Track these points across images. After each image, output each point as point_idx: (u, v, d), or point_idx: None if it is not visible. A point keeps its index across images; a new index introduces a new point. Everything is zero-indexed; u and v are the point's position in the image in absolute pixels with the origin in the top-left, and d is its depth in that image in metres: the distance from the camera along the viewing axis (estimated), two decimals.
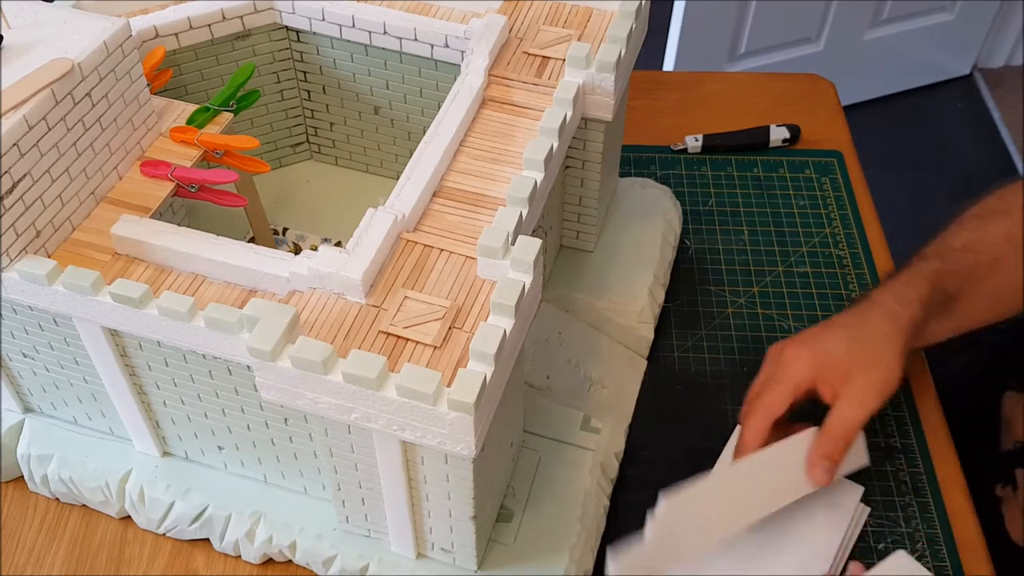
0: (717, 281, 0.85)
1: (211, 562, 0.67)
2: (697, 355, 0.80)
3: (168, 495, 0.66)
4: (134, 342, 0.59)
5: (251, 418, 0.61)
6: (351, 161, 0.85)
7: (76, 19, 0.59)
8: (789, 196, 0.93)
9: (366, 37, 0.73)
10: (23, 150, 0.54)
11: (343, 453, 0.56)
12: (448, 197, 0.60)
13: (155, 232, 0.58)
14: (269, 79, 0.78)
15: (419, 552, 0.63)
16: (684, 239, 0.88)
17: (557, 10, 0.72)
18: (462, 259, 0.56)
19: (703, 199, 0.93)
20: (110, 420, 0.68)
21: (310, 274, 0.54)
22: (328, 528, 0.64)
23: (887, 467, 0.72)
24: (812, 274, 0.86)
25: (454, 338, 0.52)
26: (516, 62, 0.68)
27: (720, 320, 0.82)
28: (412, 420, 0.50)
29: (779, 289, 0.85)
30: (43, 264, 0.55)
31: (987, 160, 2.12)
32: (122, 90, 0.60)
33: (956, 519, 0.69)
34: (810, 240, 0.89)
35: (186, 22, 0.71)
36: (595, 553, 0.65)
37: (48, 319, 0.60)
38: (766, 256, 0.88)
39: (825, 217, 0.91)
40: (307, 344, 0.49)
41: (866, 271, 0.86)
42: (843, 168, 0.96)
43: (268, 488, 0.66)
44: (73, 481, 0.68)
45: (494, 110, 0.66)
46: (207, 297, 0.56)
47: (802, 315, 0.83)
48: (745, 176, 0.95)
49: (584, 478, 0.66)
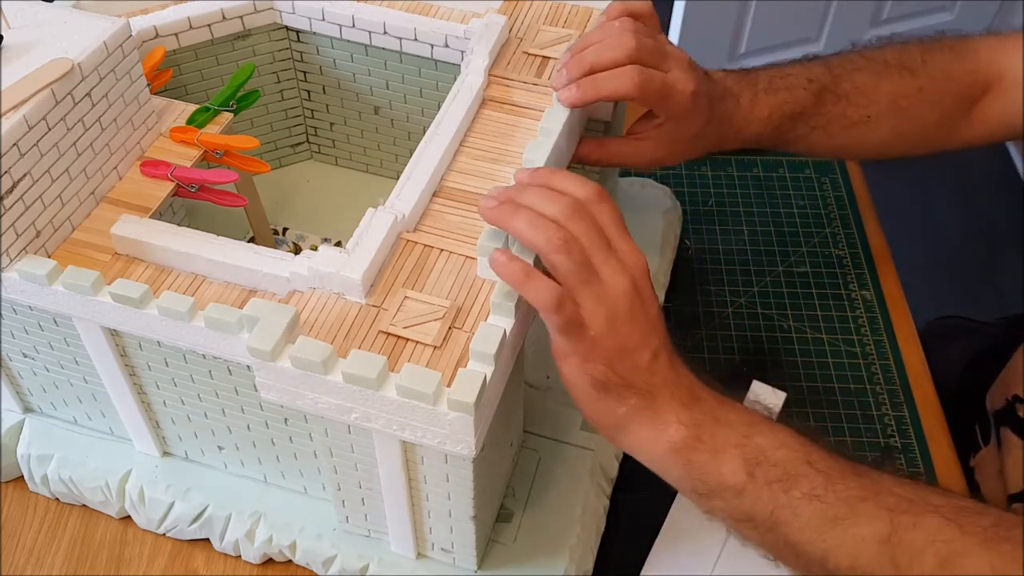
0: (717, 281, 0.85)
1: (211, 562, 0.67)
2: (697, 355, 0.80)
3: (168, 495, 0.66)
4: (134, 342, 0.59)
5: (251, 418, 0.61)
6: (351, 161, 0.85)
7: (76, 19, 0.59)
8: (789, 196, 0.93)
9: (366, 37, 0.73)
10: (23, 150, 0.54)
11: (343, 453, 0.56)
12: (448, 197, 0.60)
13: (155, 232, 0.58)
14: (269, 79, 0.78)
15: (419, 552, 0.63)
16: (684, 239, 0.88)
17: (557, 10, 0.72)
18: (462, 259, 0.56)
19: (703, 199, 0.93)
20: (110, 420, 0.68)
21: (310, 274, 0.54)
22: (328, 528, 0.64)
23: (887, 467, 0.72)
24: (812, 274, 0.86)
25: (454, 338, 0.52)
26: (516, 62, 0.68)
27: (720, 320, 0.82)
28: (412, 420, 0.50)
29: (779, 289, 0.85)
30: (43, 264, 0.55)
31: (987, 159, 2.12)
32: (122, 90, 0.60)
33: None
34: (810, 240, 0.89)
35: (186, 22, 0.71)
36: (595, 553, 0.65)
37: (48, 319, 0.60)
38: (766, 256, 0.88)
39: (825, 217, 0.91)
40: (307, 344, 0.49)
41: (866, 271, 0.86)
42: (843, 168, 0.96)
43: (268, 488, 0.66)
44: (73, 481, 0.68)
45: (494, 110, 0.66)
46: (207, 297, 0.56)
47: (802, 315, 0.83)
48: (745, 176, 0.95)
49: (584, 478, 0.66)
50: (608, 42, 0.62)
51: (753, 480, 0.51)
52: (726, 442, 0.52)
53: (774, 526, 0.51)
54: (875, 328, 0.82)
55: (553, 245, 0.50)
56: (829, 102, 0.72)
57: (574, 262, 0.50)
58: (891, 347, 0.81)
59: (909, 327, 0.83)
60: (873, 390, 0.78)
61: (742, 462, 0.51)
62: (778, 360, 0.80)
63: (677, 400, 0.53)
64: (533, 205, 0.52)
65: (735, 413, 0.53)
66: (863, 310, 0.83)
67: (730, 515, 0.53)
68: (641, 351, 0.52)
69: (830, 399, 0.77)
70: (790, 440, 0.52)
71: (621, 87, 0.62)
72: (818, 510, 0.50)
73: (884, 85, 0.73)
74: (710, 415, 0.53)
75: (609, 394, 0.52)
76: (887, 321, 0.83)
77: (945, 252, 1.97)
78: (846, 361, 0.80)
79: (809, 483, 0.51)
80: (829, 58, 0.74)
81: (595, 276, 0.51)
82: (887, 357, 0.80)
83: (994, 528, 0.48)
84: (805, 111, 0.72)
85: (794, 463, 0.51)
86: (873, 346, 0.81)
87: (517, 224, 0.51)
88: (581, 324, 0.51)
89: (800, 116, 0.72)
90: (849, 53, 0.75)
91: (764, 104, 0.70)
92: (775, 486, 0.51)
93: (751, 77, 0.71)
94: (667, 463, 0.53)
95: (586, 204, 0.52)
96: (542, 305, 0.50)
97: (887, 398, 0.77)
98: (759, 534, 0.52)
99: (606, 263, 0.51)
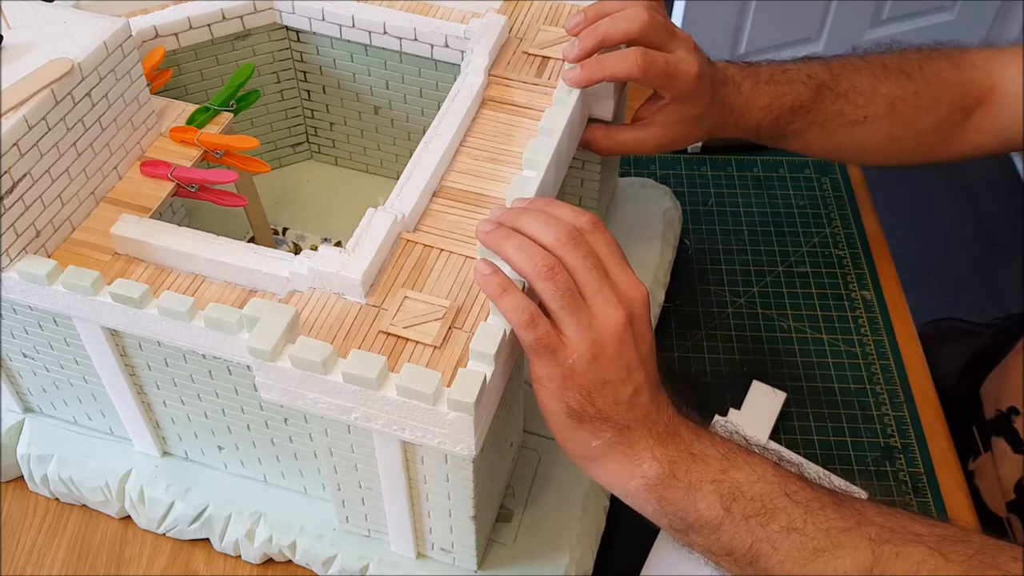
0: (717, 281, 0.85)
1: (211, 562, 0.67)
2: (697, 355, 0.80)
3: (168, 495, 0.66)
4: (134, 342, 0.59)
5: (251, 418, 0.61)
6: (351, 161, 0.85)
7: (76, 19, 0.59)
8: (789, 196, 0.93)
9: (366, 37, 0.73)
10: (23, 150, 0.54)
11: (343, 453, 0.56)
12: (448, 197, 0.60)
13: (155, 232, 0.58)
14: (269, 79, 0.78)
15: (419, 552, 0.63)
16: (684, 239, 0.88)
17: (557, 10, 0.72)
18: (462, 259, 0.56)
19: (703, 199, 0.93)
20: (110, 420, 0.68)
21: (310, 274, 0.54)
22: (328, 528, 0.64)
23: (887, 467, 0.73)
24: (812, 274, 0.86)
25: (454, 338, 0.52)
26: (516, 62, 0.68)
27: (720, 320, 0.82)
28: (412, 420, 0.50)
29: (779, 289, 0.85)
30: (43, 264, 0.55)
31: (987, 160, 2.12)
32: (122, 90, 0.60)
33: (956, 519, 0.69)
34: (810, 240, 0.89)
35: (186, 22, 0.71)
36: (595, 553, 0.65)
37: (48, 319, 0.60)
38: (766, 256, 0.88)
39: (825, 217, 0.91)
40: (307, 344, 0.49)
41: (866, 271, 0.86)
42: (843, 168, 0.96)
43: (268, 488, 0.66)
44: (73, 481, 0.67)
45: (494, 110, 0.66)
46: (207, 297, 0.56)
47: (802, 315, 0.83)
48: (745, 176, 0.95)
49: (584, 478, 0.66)
50: (622, 14, 0.63)
51: (730, 515, 0.51)
52: (701, 478, 0.51)
53: (754, 560, 0.51)
54: (875, 328, 0.82)
55: (538, 271, 0.50)
56: (828, 99, 0.73)
57: (558, 289, 0.50)
58: (891, 347, 0.81)
59: (909, 327, 0.83)
60: (873, 390, 0.78)
61: (718, 497, 0.51)
62: (778, 360, 0.80)
63: (653, 436, 0.52)
64: (531, 230, 0.52)
65: (712, 447, 0.53)
66: (863, 310, 0.83)
67: (709, 550, 0.53)
68: (623, 385, 0.51)
69: (830, 399, 0.77)
70: (767, 473, 0.52)
71: (625, 68, 0.62)
72: (798, 543, 0.50)
73: (882, 87, 0.73)
74: (686, 451, 0.52)
75: (584, 425, 0.52)
76: (887, 321, 0.83)
77: (945, 252, 1.97)
78: (846, 361, 0.80)
79: (788, 516, 0.50)
80: (829, 58, 0.75)
81: (582, 305, 0.50)
82: (887, 357, 0.80)
83: (978, 556, 0.47)
84: (804, 105, 0.72)
85: (772, 496, 0.51)
86: (873, 346, 0.81)
87: (507, 248, 0.51)
88: (557, 349, 0.50)
89: (799, 110, 0.72)
90: (849, 55, 0.75)
91: (764, 94, 0.71)
92: (753, 520, 0.50)
93: (753, 68, 0.72)
94: (640, 499, 0.53)
95: (583, 232, 0.52)
96: (514, 321, 0.50)
97: (887, 398, 0.77)
98: (740, 568, 0.52)
99: (599, 293, 0.51)
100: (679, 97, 0.67)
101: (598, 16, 0.64)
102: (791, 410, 0.76)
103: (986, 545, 0.48)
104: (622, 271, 0.52)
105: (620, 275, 0.52)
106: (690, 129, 0.69)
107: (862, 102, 0.73)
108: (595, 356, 0.50)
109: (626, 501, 0.54)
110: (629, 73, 0.63)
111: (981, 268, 1.95)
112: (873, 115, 0.73)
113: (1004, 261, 1.94)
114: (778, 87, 0.71)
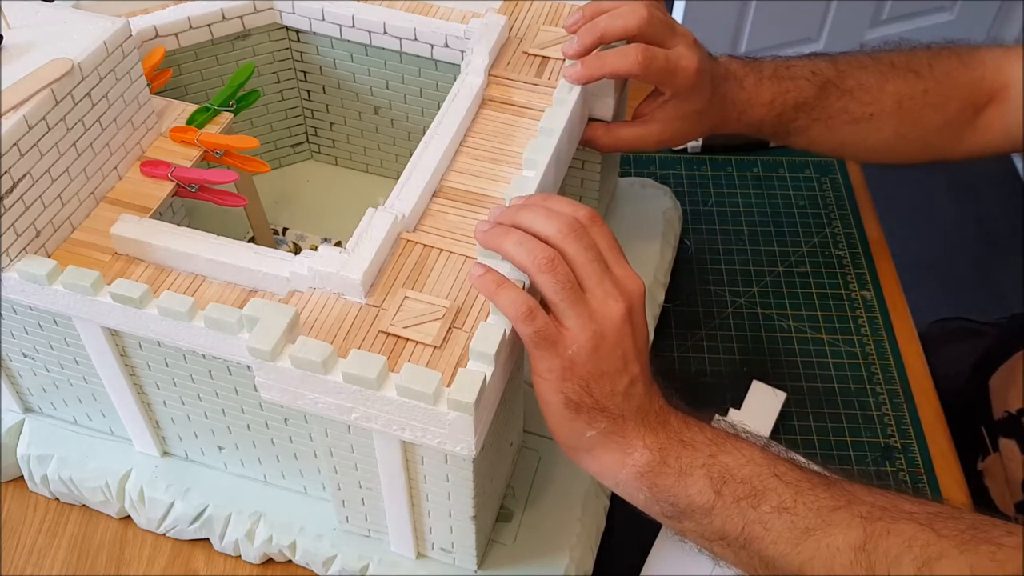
0: (717, 281, 0.85)
1: (211, 562, 0.67)
2: (697, 355, 0.80)
3: (168, 495, 0.66)
4: (134, 342, 0.59)
5: (251, 418, 0.61)
6: (351, 161, 0.85)
7: (76, 19, 0.59)
8: (789, 196, 0.93)
9: (366, 37, 0.73)
10: (23, 150, 0.54)
11: (343, 453, 0.56)
12: (448, 197, 0.60)
13: (155, 232, 0.58)
14: (269, 79, 0.78)
15: (419, 552, 0.63)
16: (684, 239, 0.88)
17: (557, 10, 0.72)
18: (462, 259, 0.56)
19: (703, 199, 0.93)
20: (110, 420, 0.68)
21: (310, 274, 0.54)
22: (328, 528, 0.64)
23: (887, 467, 0.73)
24: (812, 274, 0.86)
25: (454, 338, 0.52)
26: (516, 62, 0.68)
27: (720, 320, 0.82)
28: (412, 420, 0.50)
29: (779, 289, 0.85)
30: (43, 264, 0.55)
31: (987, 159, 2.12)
32: (122, 90, 0.60)
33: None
34: (810, 240, 0.89)
35: (186, 22, 0.71)
36: (595, 553, 0.65)
37: (48, 319, 0.60)
38: (766, 256, 0.88)
39: (825, 217, 0.91)
40: (307, 344, 0.49)
41: (866, 271, 0.86)
42: (843, 168, 0.96)
43: (268, 488, 0.66)
44: (73, 481, 0.68)
45: (494, 110, 0.66)
46: (207, 297, 0.56)
47: (802, 315, 0.83)
48: (745, 176, 0.95)
49: (584, 478, 0.66)
50: (621, 10, 0.63)
51: (721, 498, 0.51)
52: (692, 463, 0.52)
53: (747, 543, 0.51)
54: (875, 328, 0.82)
55: (539, 264, 0.50)
56: (832, 96, 0.73)
57: (559, 281, 0.50)
58: (891, 347, 0.81)
59: (909, 327, 0.83)
60: (873, 390, 0.78)
61: (709, 481, 0.51)
62: (778, 360, 0.80)
63: (645, 425, 0.53)
64: (531, 223, 0.52)
65: (701, 433, 0.53)
66: (863, 310, 0.83)
67: (702, 535, 0.53)
68: (620, 376, 0.52)
69: (830, 399, 0.77)
70: (756, 455, 0.52)
71: (625, 64, 0.62)
72: (789, 522, 0.50)
73: (889, 85, 0.73)
74: (676, 438, 0.53)
75: (580, 416, 0.52)
76: (887, 321, 0.83)
77: (945, 252, 1.97)
78: (846, 361, 0.80)
79: (778, 496, 0.50)
80: (835, 55, 0.75)
81: (582, 297, 0.51)
82: (887, 357, 0.80)
83: (971, 531, 0.48)
84: (808, 102, 0.72)
85: (761, 477, 0.51)
86: (873, 346, 0.81)
87: (506, 245, 0.51)
88: (556, 340, 0.50)
89: (803, 106, 0.72)
90: (856, 52, 0.75)
91: (768, 90, 0.71)
92: (744, 502, 0.51)
93: (756, 64, 0.72)
94: (631, 487, 0.53)
95: (583, 225, 0.52)
96: (512, 315, 0.50)
97: (887, 398, 0.77)
98: (733, 552, 0.52)
99: (600, 285, 0.51)
100: (679, 93, 0.67)
101: (597, 13, 0.64)
102: (791, 410, 0.76)
103: (979, 521, 0.49)
104: (621, 265, 0.53)
105: (619, 268, 0.53)
106: (691, 125, 0.69)
107: (868, 99, 0.73)
108: (595, 347, 0.50)
109: (617, 491, 0.55)
110: (629, 69, 0.62)
111: (981, 268, 1.95)
112: (879, 113, 0.73)
113: (1004, 261, 1.94)
114: (782, 83, 0.71)
